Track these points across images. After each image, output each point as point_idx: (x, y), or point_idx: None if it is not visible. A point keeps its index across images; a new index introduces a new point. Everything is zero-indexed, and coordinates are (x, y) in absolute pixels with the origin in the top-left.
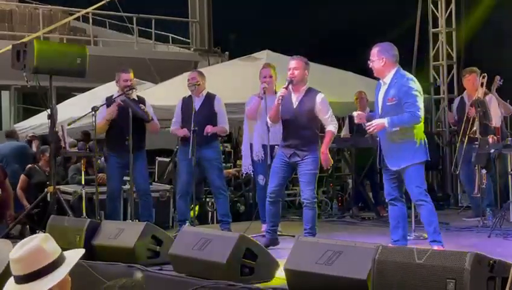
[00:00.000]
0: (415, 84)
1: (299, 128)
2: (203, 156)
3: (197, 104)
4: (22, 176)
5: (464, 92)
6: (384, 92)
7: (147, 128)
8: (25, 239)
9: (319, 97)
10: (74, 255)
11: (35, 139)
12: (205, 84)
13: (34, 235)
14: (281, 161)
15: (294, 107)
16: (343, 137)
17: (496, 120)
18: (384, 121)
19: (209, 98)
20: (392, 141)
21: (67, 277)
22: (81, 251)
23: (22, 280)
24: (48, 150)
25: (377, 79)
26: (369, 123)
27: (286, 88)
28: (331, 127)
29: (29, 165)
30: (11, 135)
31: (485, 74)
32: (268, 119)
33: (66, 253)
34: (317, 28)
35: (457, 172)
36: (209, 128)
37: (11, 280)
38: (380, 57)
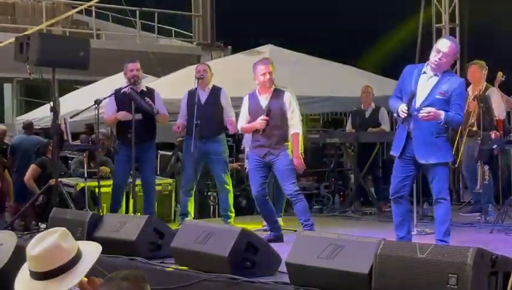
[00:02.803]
0: (465, 87)
1: (271, 128)
2: (208, 149)
3: (202, 97)
4: (34, 166)
5: (468, 86)
6: (434, 84)
7: (156, 119)
8: (42, 233)
9: (287, 95)
10: (91, 252)
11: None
12: (211, 78)
13: (52, 230)
14: (255, 162)
15: (264, 107)
16: (346, 132)
17: (499, 112)
18: (442, 114)
19: (215, 91)
20: (430, 133)
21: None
22: (98, 248)
23: (39, 276)
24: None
25: (385, 75)
26: (426, 110)
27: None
28: (296, 128)
29: (42, 157)
30: (30, 127)
31: (487, 66)
32: (239, 128)
33: (82, 246)
34: (320, 23)
35: (456, 165)
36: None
37: (25, 272)
38: (455, 55)
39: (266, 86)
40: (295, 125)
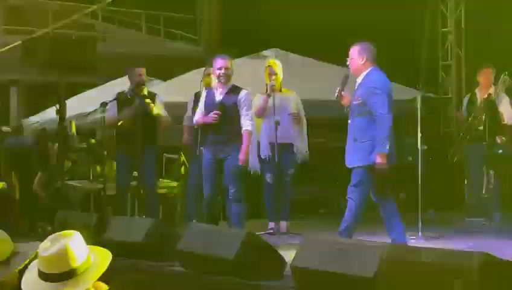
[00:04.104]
0: (380, 83)
1: (223, 124)
2: None
3: None
4: (40, 174)
5: (474, 90)
6: (355, 91)
7: (159, 124)
8: (55, 235)
9: (244, 93)
10: (102, 258)
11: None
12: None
13: (66, 232)
14: (208, 161)
15: (217, 101)
16: None
17: (508, 117)
18: (380, 152)
19: None
20: (354, 139)
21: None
22: (108, 254)
23: (49, 278)
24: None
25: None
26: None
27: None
28: (248, 126)
29: (49, 163)
30: (19, 131)
31: (507, 77)
32: (194, 121)
33: (92, 251)
34: (324, 26)
35: (464, 170)
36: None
37: (33, 272)
38: (360, 55)
39: (221, 80)
40: (247, 123)
